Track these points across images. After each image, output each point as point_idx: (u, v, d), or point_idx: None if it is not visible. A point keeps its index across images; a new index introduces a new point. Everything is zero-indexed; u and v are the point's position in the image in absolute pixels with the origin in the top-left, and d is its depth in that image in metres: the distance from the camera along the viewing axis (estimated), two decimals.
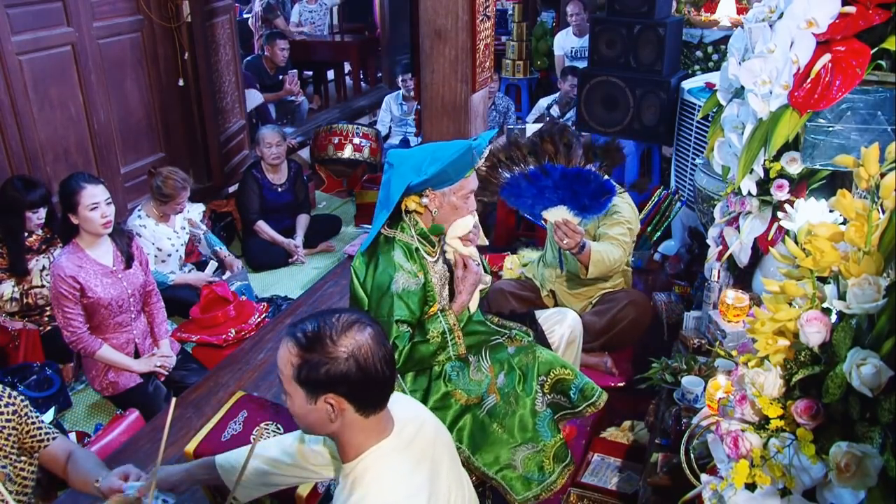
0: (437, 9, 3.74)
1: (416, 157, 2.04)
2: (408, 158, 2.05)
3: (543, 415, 2.08)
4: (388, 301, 2.01)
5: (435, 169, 1.97)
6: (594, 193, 2.48)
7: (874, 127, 1.77)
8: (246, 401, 2.11)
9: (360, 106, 7.23)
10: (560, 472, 2.06)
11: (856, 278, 1.06)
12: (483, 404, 2.07)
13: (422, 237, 2.10)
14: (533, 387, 2.08)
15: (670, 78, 3.80)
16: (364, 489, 1.29)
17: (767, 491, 1.12)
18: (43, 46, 3.56)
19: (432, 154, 2.02)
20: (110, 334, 2.78)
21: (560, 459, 2.07)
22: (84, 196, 2.55)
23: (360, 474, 1.31)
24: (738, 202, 2.16)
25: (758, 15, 1.93)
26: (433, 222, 2.09)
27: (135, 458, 2.43)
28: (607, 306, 2.83)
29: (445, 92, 3.91)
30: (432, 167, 1.98)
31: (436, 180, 2.00)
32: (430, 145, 2.12)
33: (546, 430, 2.07)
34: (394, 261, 2.03)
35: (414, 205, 2.05)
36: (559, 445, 2.08)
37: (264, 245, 4.25)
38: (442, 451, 1.44)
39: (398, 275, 2.02)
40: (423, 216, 2.08)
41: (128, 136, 4.19)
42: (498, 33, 5.96)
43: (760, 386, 1.17)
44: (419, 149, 2.12)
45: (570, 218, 2.48)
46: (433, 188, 2.02)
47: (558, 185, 2.50)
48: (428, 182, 1.99)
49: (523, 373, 2.10)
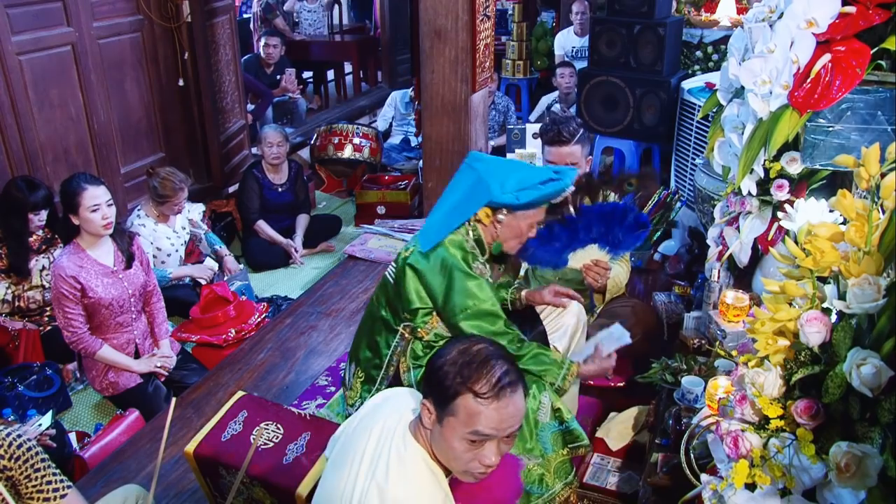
0: (437, 9, 3.74)
1: (502, 171, 2.02)
2: (494, 169, 2.03)
3: (546, 427, 2.03)
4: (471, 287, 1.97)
5: (530, 197, 1.97)
6: (629, 227, 2.36)
7: (874, 127, 1.77)
8: (246, 401, 2.11)
9: (360, 106, 7.23)
10: (562, 488, 2.04)
11: (856, 278, 1.06)
12: None
13: (477, 245, 2.09)
14: (536, 395, 2.03)
15: (670, 78, 3.80)
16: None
17: (767, 491, 1.12)
18: (43, 46, 3.56)
19: (520, 177, 2.00)
20: (111, 334, 2.79)
21: (562, 475, 2.04)
22: (85, 197, 2.55)
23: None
24: (738, 202, 2.16)
25: (758, 15, 1.93)
26: (495, 239, 2.09)
27: (135, 458, 2.44)
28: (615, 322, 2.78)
29: (445, 92, 3.91)
30: (526, 194, 1.97)
31: (522, 206, 2.00)
32: (518, 163, 2.12)
33: (548, 442, 2.03)
34: (460, 252, 2.01)
35: (486, 217, 2.05)
36: (562, 461, 2.04)
37: (264, 245, 4.25)
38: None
39: (475, 264, 2.02)
40: (486, 228, 2.08)
41: (128, 136, 4.19)
42: (498, 33, 5.96)
43: (760, 386, 1.17)
44: (506, 162, 2.12)
45: (602, 256, 2.37)
46: (512, 210, 2.02)
47: (591, 224, 2.40)
48: (514, 206, 2.00)
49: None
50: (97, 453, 2.50)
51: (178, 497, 2.27)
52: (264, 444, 1.92)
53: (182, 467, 2.34)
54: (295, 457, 1.88)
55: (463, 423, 1.27)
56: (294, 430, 1.96)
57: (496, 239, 2.09)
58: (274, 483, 1.84)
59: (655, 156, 4.37)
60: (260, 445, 1.92)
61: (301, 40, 7.35)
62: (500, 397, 1.26)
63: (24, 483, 1.58)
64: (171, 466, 2.37)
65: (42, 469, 1.59)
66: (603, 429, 2.46)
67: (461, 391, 1.27)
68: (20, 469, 1.56)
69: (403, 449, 1.35)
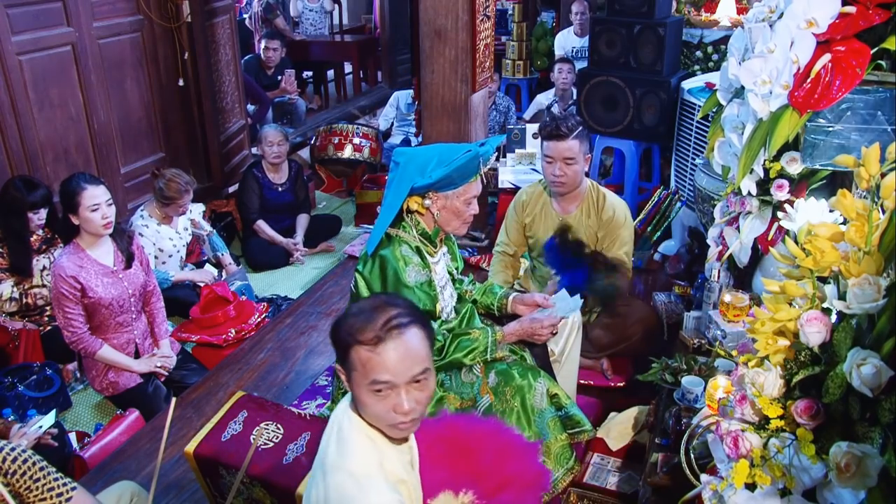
0: (437, 9, 3.74)
1: (421, 158, 2.03)
2: (414, 158, 2.04)
3: (543, 412, 2.05)
4: (406, 295, 1.99)
5: (440, 174, 1.97)
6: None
7: (874, 127, 1.77)
8: (246, 401, 2.11)
9: (360, 106, 7.23)
10: (563, 474, 2.05)
11: (856, 278, 1.06)
12: (478, 406, 2.06)
13: (423, 237, 2.10)
14: (531, 383, 2.05)
15: (670, 78, 3.80)
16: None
17: (767, 491, 1.12)
18: (43, 46, 3.56)
19: (439, 157, 2.01)
20: (111, 334, 2.79)
21: (562, 461, 2.05)
22: (85, 197, 2.55)
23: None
24: (738, 202, 2.16)
25: (758, 15, 1.93)
26: (435, 225, 2.10)
27: (135, 458, 2.44)
28: (615, 321, 2.77)
29: (445, 92, 3.91)
30: (437, 171, 1.98)
31: (440, 184, 2.00)
32: (438, 146, 2.12)
33: (546, 428, 2.04)
34: (401, 255, 2.02)
35: (416, 206, 2.05)
36: (561, 446, 2.06)
37: (264, 245, 4.25)
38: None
39: (409, 268, 2.02)
40: (424, 217, 2.09)
41: (128, 136, 4.19)
42: (498, 33, 5.96)
43: (760, 386, 1.17)
44: (426, 149, 2.12)
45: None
46: (437, 191, 2.03)
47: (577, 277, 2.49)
48: (432, 185, 2.00)
49: (519, 374, 2.08)
50: (97, 453, 2.50)
51: (178, 497, 2.27)
52: (264, 444, 1.92)
53: (182, 467, 2.34)
54: (295, 457, 1.88)
55: (362, 376, 1.28)
56: (294, 430, 1.96)
57: (437, 224, 2.10)
58: (274, 483, 1.84)
59: (655, 156, 4.37)
60: (260, 445, 1.91)
61: (301, 40, 7.35)
62: (385, 340, 1.26)
63: (25, 494, 1.58)
64: (171, 466, 2.37)
65: (42, 478, 1.58)
66: (603, 429, 2.46)
67: (351, 344, 1.28)
68: (19, 483, 1.56)
69: (346, 423, 1.36)
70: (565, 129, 2.58)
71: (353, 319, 1.29)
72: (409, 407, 1.28)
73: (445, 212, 2.07)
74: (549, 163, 2.65)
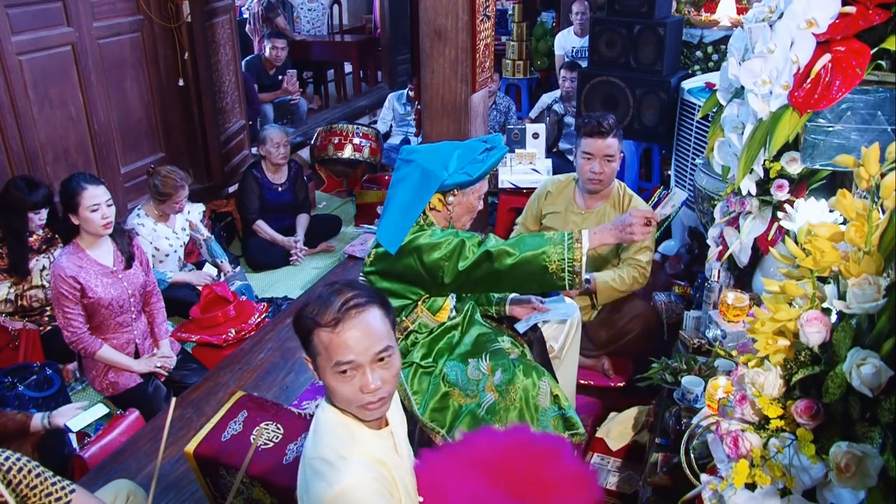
0: (437, 9, 3.74)
1: (442, 155, 2.02)
2: (432, 155, 2.03)
3: (546, 411, 2.05)
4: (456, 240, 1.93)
5: (478, 172, 1.98)
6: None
7: (874, 127, 1.77)
8: (246, 401, 2.11)
9: (360, 106, 7.23)
10: None
11: (856, 278, 1.06)
12: (482, 403, 2.06)
13: None
14: (535, 382, 2.04)
15: (670, 78, 3.80)
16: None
17: (767, 491, 1.12)
18: (43, 46, 3.56)
19: (462, 153, 2.01)
20: (111, 334, 2.79)
21: None
22: (85, 197, 2.55)
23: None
24: (738, 202, 2.16)
25: (758, 15, 1.92)
26: (449, 221, 2.10)
27: (135, 458, 2.43)
28: (613, 317, 2.78)
29: (445, 92, 3.91)
30: (474, 169, 1.98)
31: (470, 181, 2.01)
32: (450, 143, 2.11)
33: (548, 427, 2.04)
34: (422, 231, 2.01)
35: (438, 202, 2.05)
36: None
37: (264, 245, 4.25)
38: None
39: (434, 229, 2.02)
40: (440, 214, 2.08)
41: (128, 136, 4.19)
42: (498, 33, 5.96)
43: (760, 386, 1.17)
44: (440, 146, 2.11)
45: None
46: (461, 188, 2.03)
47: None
48: (465, 183, 2.00)
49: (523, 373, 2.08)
50: (97, 453, 2.50)
51: (178, 497, 2.27)
52: (264, 444, 1.92)
53: (182, 467, 2.34)
54: (295, 457, 1.88)
55: (326, 360, 1.29)
56: (294, 430, 1.96)
57: (450, 221, 2.10)
58: (274, 483, 1.84)
59: (655, 156, 4.37)
60: (260, 445, 1.91)
61: (301, 40, 7.35)
62: (344, 320, 1.27)
63: (23, 502, 1.56)
64: (171, 466, 2.37)
65: (38, 485, 1.56)
66: (603, 429, 2.47)
67: (312, 328, 1.29)
68: (15, 492, 1.54)
69: (320, 413, 1.38)
70: (606, 127, 2.61)
71: (312, 305, 1.31)
72: (376, 385, 1.29)
73: (460, 207, 2.08)
74: (587, 159, 2.68)
